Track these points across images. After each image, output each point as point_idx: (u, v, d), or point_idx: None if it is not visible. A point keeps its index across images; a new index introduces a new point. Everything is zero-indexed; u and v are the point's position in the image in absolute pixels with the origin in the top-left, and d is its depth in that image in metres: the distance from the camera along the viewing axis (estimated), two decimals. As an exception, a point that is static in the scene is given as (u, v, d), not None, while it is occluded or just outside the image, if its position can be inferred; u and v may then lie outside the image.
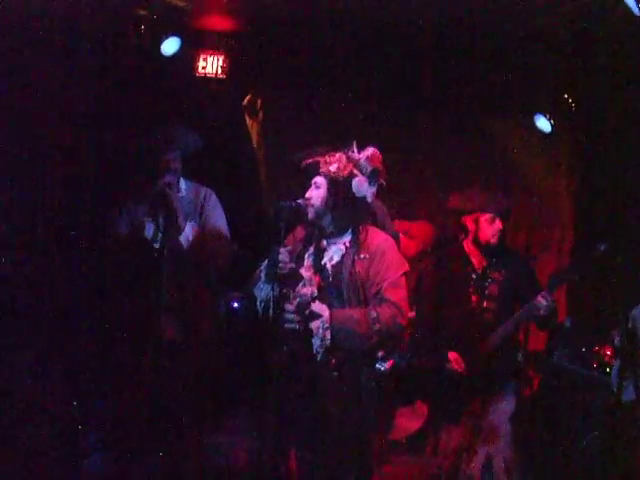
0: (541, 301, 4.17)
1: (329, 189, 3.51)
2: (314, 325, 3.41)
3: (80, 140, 4.90)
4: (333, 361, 3.44)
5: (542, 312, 4.19)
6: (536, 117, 6.01)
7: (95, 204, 4.74)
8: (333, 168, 3.50)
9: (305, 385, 3.48)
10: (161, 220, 4.26)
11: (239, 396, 5.44)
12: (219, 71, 5.80)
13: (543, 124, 6.00)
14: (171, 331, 4.18)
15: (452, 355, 4.33)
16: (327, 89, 6.44)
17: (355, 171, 3.51)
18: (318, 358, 3.42)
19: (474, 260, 4.42)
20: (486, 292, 4.35)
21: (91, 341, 4.66)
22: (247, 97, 6.53)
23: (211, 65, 5.80)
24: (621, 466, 3.86)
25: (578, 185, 6.52)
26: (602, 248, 4.05)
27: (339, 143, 3.60)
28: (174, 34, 5.45)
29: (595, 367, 5.06)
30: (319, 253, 3.58)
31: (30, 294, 4.57)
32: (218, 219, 4.49)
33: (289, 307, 3.46)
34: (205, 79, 5.81)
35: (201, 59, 5.79)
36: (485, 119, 6.60)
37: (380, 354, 3.57)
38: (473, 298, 4.36)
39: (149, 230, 4.28)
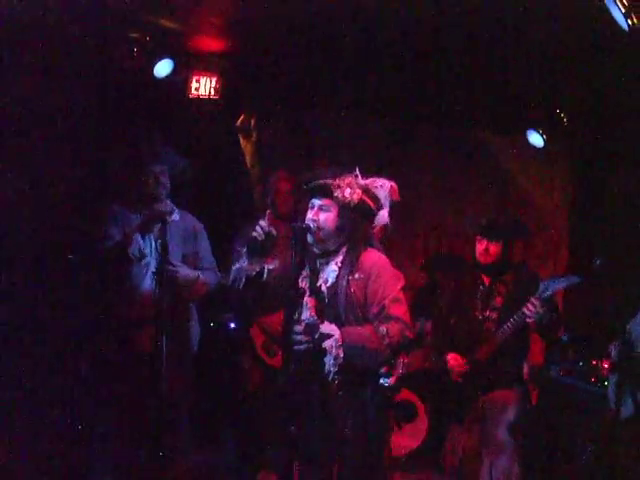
0: (530, 308, 4.33)
1: (340, 213, 3.51)
2: (327, 344, 3.39)
3: (72, 157, 4.92)
4: (336, 381, 3.43)
5: (532, 319, 4.36)
6: (529, 132, 6.05)
7: (87, 213, 4.75)
8: (347, 193, 3.48)
9: (313, 406, 3.48)
10: (152, 241, 4.29)
11: (233, 417, 5.43)
12: (212, 92, 5.81)
13: (536, 139, 6.04)
14: (152, 345, 4.15)
15: (450, 355, 4.65)
16: (320, 109, 6.48)
17: (365, 197, 3.52)
18: (330, 377, 3.42)
19: (484, 275, 4.73)
20: (491, 303, 4.64)
21: (73, 351, 4.67)
22: (240, 118, 6.55)
23: (204, 86, 5.81)
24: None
25: (573, 198, 6.55)
26: (598, 262, 4.06)
27: (343, 167, 3.59)
28: (167, 56, 5.46)
29: (593, 381, 5.05)
30: (314, 275, 3.58)
31: (17, 303, 4.57)
32: (209, 253, 4.67)
33: (298, 328, 3.44)
34: (198, 100, 5.82)
35: (194, 80, 5.81)
36: (480, 135, 6.65)
37: (383, 370, 3.59)
38: (478, 309, 4.66)
39: (135, 246, 4.29)
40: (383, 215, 3.57)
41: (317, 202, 3.55)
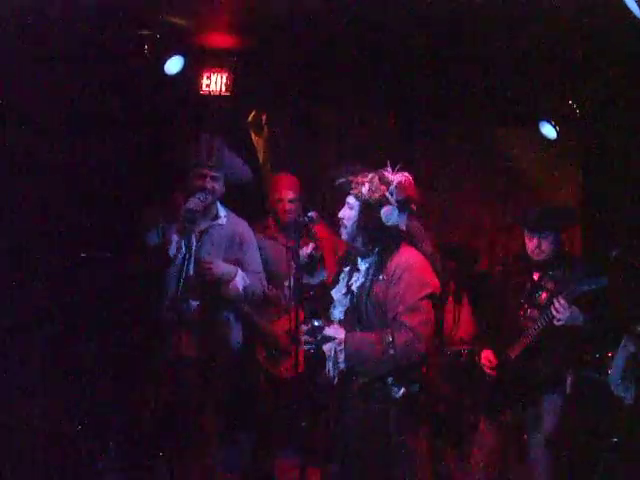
0: (556, 307, 4.08)
1: (360, 211, 3.44)
2: (326, 348, 3.35)
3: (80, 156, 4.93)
4: (355, 386, 3.38)
5: (561, 321, 4.10)
6: (541, 124, 6.01)
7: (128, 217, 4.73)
8: (364, 190, 3.41)
9: (322, 409, 3.53)
10: (185, 240, 4.20)
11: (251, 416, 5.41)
12: (223, 89, 5.80)
13: (548, 131, 6.00)
14: (189, 348, 4.15)
15: (484, 353, 4.45)
16: (331, 105, 6.47)
17: (387, 194, 3.40)
18: (334, 382, 3.38)
19: (534, 271, 4.45)
20: (536, 301, 4.36)
21: (106, 354, 4.67)
22: (252, 114, 6.54)
23: (215, 83, 5.81)
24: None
25: (586, 191, 6.51)
26: (614, 254, 4.01)
27: (374, 162, 3.54)
28: (178, 53, 5.46)
29: (609, 373, 5.01)
30: (352, 274, 3.53)
31: (52, 306, 4.57)
32: (256, 262, 4.48)
33: (304, 328, 3.43)
34: (209, 97, 5.82)
35: (205, 77, 5.80)
36: (492, 127, 6.62)
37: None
38: (524, 306, 4.40)
39: (173, 247, 4.23)
40: (388, 211, 3.40)
41: (346, 199, 3.50)
